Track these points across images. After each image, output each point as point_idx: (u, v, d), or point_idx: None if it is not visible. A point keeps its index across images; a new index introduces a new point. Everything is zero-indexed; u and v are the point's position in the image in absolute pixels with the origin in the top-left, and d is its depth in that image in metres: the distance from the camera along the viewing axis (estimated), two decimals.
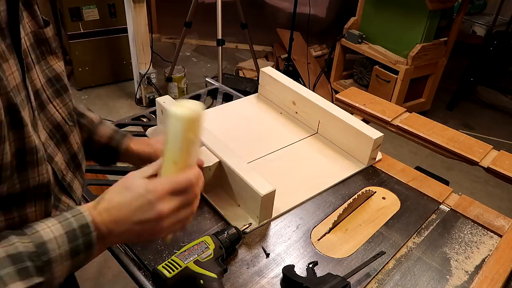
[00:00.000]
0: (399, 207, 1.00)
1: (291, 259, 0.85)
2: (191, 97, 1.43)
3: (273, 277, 0.81)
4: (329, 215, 0.96)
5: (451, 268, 0.85)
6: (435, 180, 1.10)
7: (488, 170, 1.09)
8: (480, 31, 4.19)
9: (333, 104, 1.21)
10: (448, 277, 0.83)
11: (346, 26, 3.19)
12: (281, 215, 0.96)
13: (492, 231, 0.95)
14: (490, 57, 3.18)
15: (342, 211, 0.94)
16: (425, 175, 1.11)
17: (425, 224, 0.96)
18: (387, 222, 0.95)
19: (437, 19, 2.77)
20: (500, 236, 0.94)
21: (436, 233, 0.94)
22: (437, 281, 0.82)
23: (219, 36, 2.81)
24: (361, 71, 3.33)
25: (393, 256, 0.87)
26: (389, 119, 1.26)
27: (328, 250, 0.87)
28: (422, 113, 2.19)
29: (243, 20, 2.99)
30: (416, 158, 2.77)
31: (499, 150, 1.15)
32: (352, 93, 1.39)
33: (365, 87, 3.26)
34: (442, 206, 1.02)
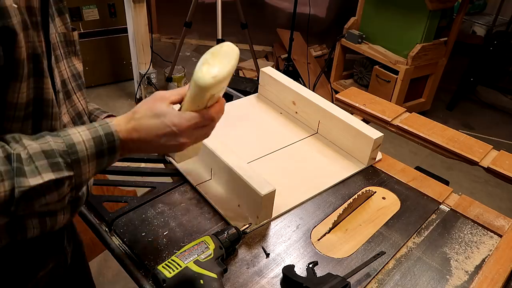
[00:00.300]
0: (399, 207, 1.00)
1: (291, 259, 0.85)
2: None
3: (273, 277, 0.81)
4: (329, 215, 0.96)
5: (451, 268, 0.85)
6: (435, 180, 1.10)
7: (488, 170, 1.09)
8: (480, 31, 4.19)
9: (333, 104, 1.21)
10: (448, 277, 0.83)
11: (346, 26, 3.19)
12: (281, 215, 0.96)
13: (492, 231, 0.95)
14: (490, 57, 3.18)
15: (342, 211, 0.94)
16: (425, 175, 1.11)
17: (425, 224, 0.96)
18: (387, 222, 0.95)
19: (437, 19, 2.77)
20: (500, 236, 0.94)
21: (436, 233, 0.94)
22: (437, 281, 0.82)
23: (219, 36, 2.81)
24: (361, 71, 3.33)
25: (393, 256, 0.87)
26: (389, 119, 1.26)
27: (328, 250, 0.87)
28: (422, 113, 2.19)
29: (243, 20, 2.99)
30: (416, 158, 2.77)
31: (499, 150, 1.15)
32: (352, 93, 1.39)
33: (365, 87, 3.26)
34: (442, 206, 1.02)
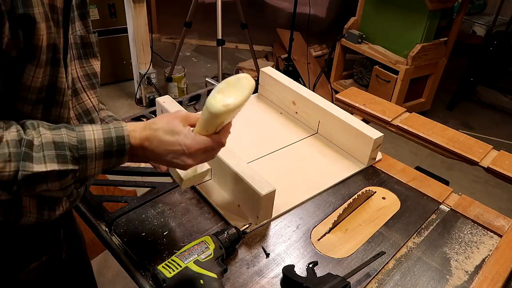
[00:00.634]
0: (399, 207, 1.00)
1: (291, 259, 0.85)
2: (191, 97, 1.43)
3: (273, 277, 0.81)
4: (329, 215, 0.96)
5: (451, 268, 0.85)
6: (435, 180, 1.10)
7: (488, 170, 1.09)
8: (480, 31, 4.19)
9: (333, 104, 1.21)
10: (448, 277, 0.83)
11: (346, 26, 3.19)
12: (281, 215, 0.96)
13: (492, 231, 0.95)
14: (490, 57, 3.18)
15: (342, 211, 0.94)
16: (425, 175, 1.11)
17: (425, 224, 0.96)
18: (387, 222, 0.95)
19: (437, 19, 2.77)
20: (500, 236, 0.94)
21: (436, 233, 0.94)
22: (437, 281, 0.82)
23: (219, 36, 2.81)
24: (361, 71, 3.32)
25: (393, 256, 0.87)
26: (389, 119, 1.26)
27: (328, 250, 0.87)
28: (422, 113, 2.19)
29: (243, 20, 2.99)
30: (416, 158, 2.77)
31: (499, 150, 1.15)
32: (352, 93, 1.39)
33: (365, 87, 3.26)
34: (442, 206, 1.02)
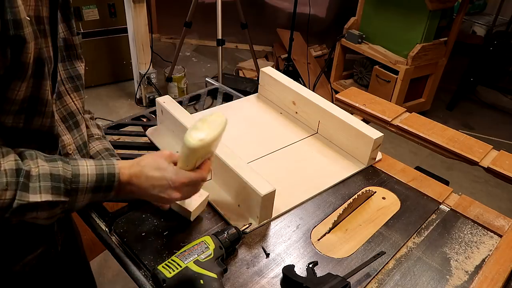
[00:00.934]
0: (399, 207, 1.00)
1: (291, 259, 0.85)
2: (191, 97, 1.43)
3: (273, 277, 0.81)
4: (329, 215, 0.96)
5: (451, 268, 0.85)
6: (435, 180, 1.10)
7: (488, 170, 1.09)
8: (480, 31, 4.19)
9: (333, 104, 1.21)
10: (448, 277, 0.83)
11: (346, 26, 3.19)
12: (281, 215, 0.95)
13: (492, 231, 0.95)
14: (490, 57, 3.18)
15: (342, 211, 0.94)
16: (425, 175, 1.11)
17: (425, 224, 0.96)
18: (387, 222, 0.95)
19: (437, 19, 2.77)
20: (500, 236, 0.94)
21: (436, 233, 0.94)
22: (437, 281, 0.82)
23: (219, 36, 2.81)
24: (361, 71, 3.33)
25: (393, 256, 0.87)
26: (389, 119, 1.26)
27: (328, 250, 0.87)
28: (422, 113, 2.19)
29: (243, 20, 3.00)
30: (416, 158, 2.77)
31: (499, 150, 1.15)
32: (352, 93, 1.39)
33: (365, 87, 3.26)
34: (442, 206, 1.02)
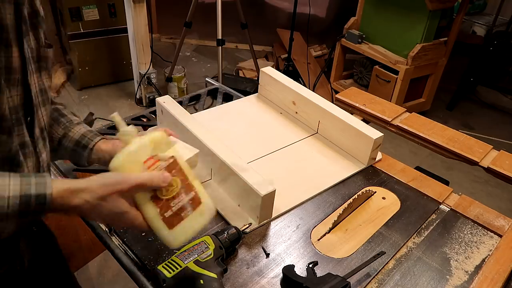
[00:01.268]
0: (399, 207, 1.00)
1: (291, 259, 0.85)
2: (191, 97, 1.43)
3: (273, 277, 0.81)
4: (329, 215, 0.96)
5: (451, 268, 0.85)
6: (435, 180, 1.10)
7: (488, 170, 1.09)
8: (480, 31, 4.19)
9: (333, 104, 1.21)
10: (448, 277, 0.83)
11: (346, 26, 3.19)
12: (281, 215, 0.95)
13: (492, 231, 0.95)
14: (490, 57, 3.18)
15: (342, 211, 0.94)
16: (425, 175, 1.11)
17: (425, 224, 0.96)
18: (387, 222, 0.95)
19: (437, 19, 2.77)
20: (500, 236, 0.94)
21: (436, 233, 0.94)
22: (437, 281, 0.82)
23: (219, 36, 2.81)
24: (361, 71, 3.32)
25: (393, 256, 0.87)
26: (389, 119, 1.26)
27: (328, 250, 0.87)
28: (422, 113, 2.18)
29: (243, 20, 2.99)
30: (416, 158, 2.77)
31: (499, 150, 1.15)
32: (352, 93, 1.39)
33: (365, 87, 3.26)
34: (442, 206, 1.02)
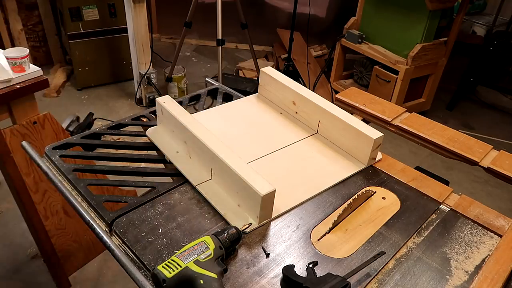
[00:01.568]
0: (399, 207, 1.00)
1: (291, 259, 0.85)
2: (191, 97, 1.43)
3: (273, 277, 0.81)
4: (329, 215, 0.96)
5: (451, 268, 0.85)
6: (435, 180, 1.10)
7: (488, 170, 1.09)
8: (480, 31, 4.19)
9: (333, 104, 1.21)
10: (448, 277, 0.83)
11: (346, 26, 3.19)
12: (281, 215, 0.95)
13: (492, 231, 0.95)
14: (490, 57, 3.18)
15: (342, 211, 0.94)
16: (425, 175, 1.11)
17: (425, 224, 0.96)
18: (387, 222, 0.95)
19: (437, 19, 2.77)
20: (500, 236, 0.94)
21: (436, 233, 0.94)
22: (437, 281, 0.82)
23: (219, 36, 2.81)
24: (361, 71, 3.33)
25: (393, 256, 0.87)
26: (389, 119, 1.26)
27: (328, 250, 0.87)
28: (422, 113, 2.19)
29: (243, 20, 3.00)
30: (416, 158, 2.77)
31: (499, 150, 1.15)
32: (352, 93, 1.39)
33: (365, 87, 3.26)
34: (442, 206, 1.02)
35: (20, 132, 1.45)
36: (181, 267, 0.72)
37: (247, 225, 0.88)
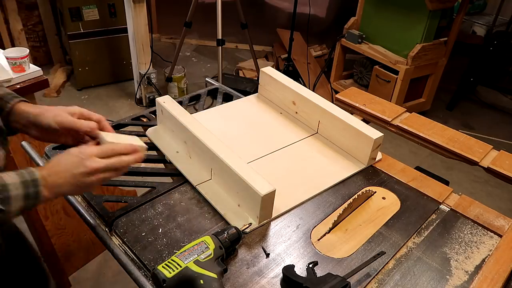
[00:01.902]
0: (399, 207, 1.00)
1: (291, 259, 0.85)
2: (191, 97, 1.43)
3: (273, 277, 0.81)
4: (329, 215, 0.96)
5: (451, 268, 0.85)
6: (435, 180, 1.10)
7: (488, 170, 1.09)
8: (480, 31, 4.19)
9: (333, 104, 1.21)
10: (448, 277, 0.83)
11: (346, 26, 3.19)
12: (281, 215, 0.96)
13: (492, 231, 0.95)
14: (490, 57, 3.18)
15: (342, 211, 0.94)
16: (425, 175, 1.11)
17: (425, 224, 0.96)
18: (387, 222, 0.95)
19: (437, 19, 2.77)
20: (500, 236, 0.94)
21: (436, 233, 0.94)
22: (437, 281, 0.82)
23: (219, 36, 2.81)
24: (361, 71, 3.33)
25: (393, 256, 0.87)
26: (389, 119, 1.26)
27: (328, 250, 0.87)
28: (422, 113, 2.19)
29: (243, 20, 3.00)
30: (416, 158, 2.77)
31: (499, 150, 1.15)
32: (352, 93, 1.39)
33: (365, 87, 3.26)
34: (442, 206, 1.02)
35: None
36: (181, 267, 0.72)
37: (247, 225, 0.88)
